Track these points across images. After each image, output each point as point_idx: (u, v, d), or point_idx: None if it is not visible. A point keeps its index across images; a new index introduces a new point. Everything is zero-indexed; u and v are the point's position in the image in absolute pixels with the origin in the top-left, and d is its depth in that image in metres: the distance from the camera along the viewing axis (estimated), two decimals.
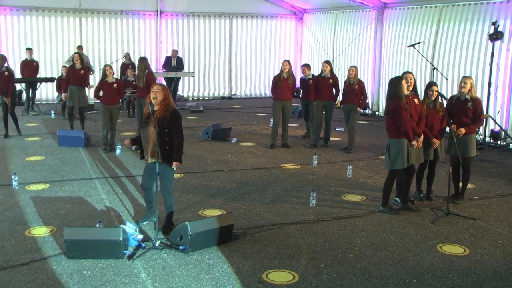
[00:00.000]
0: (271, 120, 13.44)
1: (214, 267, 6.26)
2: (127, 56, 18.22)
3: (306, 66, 13.73)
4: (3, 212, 8.02)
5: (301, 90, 13.83)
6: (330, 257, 6.57)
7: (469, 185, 9.26)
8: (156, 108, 6.95)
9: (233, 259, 6.47)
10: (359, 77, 12.64)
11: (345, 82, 12.56)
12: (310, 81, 13.19)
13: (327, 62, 13.00)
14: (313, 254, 6.66)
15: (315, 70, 15.75)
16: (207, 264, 6.32)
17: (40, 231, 7.29)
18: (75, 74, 13.61)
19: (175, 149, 7.03)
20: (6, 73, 13.10)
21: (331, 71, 12.85)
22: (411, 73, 8.51)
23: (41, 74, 18.34)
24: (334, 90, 12.82)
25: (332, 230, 7.47)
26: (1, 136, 13.29)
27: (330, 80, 12.74)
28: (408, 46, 14.96)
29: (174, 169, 7.11)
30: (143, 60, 12.78)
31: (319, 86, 12.78)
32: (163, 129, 6.97)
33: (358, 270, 6.24)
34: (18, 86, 16.42)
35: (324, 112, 12.82)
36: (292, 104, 13.07)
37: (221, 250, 6.72)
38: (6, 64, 13.34)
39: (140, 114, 12.48)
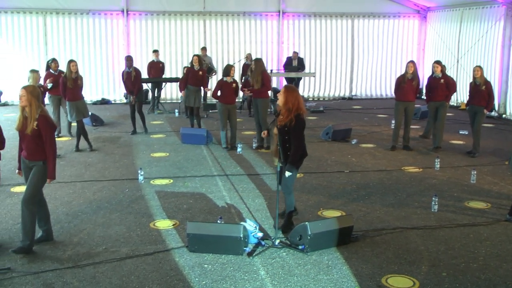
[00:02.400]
0: (393, 121, 13.21)
1: (332, 268, 6.23)
2: (248, 56, 18.46)
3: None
4: (130, 204, 8.45)
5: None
6: (452, 266, 6.34)
7: None
8: (283, 110, 6.98)
9: (352, 261, 6.41)
10: (485, 77, 12.08)
11: (470, 84, 12.06)
12: (442, 80, 12.53)
13: (438, 62, 12.63)
14: (434, 261, 6.46)
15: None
16: (325, 265, 6.30)
17: (164, 224, 7.61)
18: (194, 74, 13.93)
19: (290, 157, 6.98)
20: (133, 73, 13.73)
21: (443, 71, 12.50)
22: None
23: (166, 74, 19.14)
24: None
25: (454, 238, 7.21)
26: (129, 133, 14.00)
27: (442, 81, 12.35)
28: None
29: (286, 176, 7.07)
30: (260, 61, 12.44)
31: (431, 87, 12.50)
32: (284, 135, 6.97)
33: (482, 281, 5.96)
34: (145, 86, 17.13)
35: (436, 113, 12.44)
36: (415, 105, 12.76)
37: (340, 251, 6.68)
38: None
39: (257, 114, 12.55)
